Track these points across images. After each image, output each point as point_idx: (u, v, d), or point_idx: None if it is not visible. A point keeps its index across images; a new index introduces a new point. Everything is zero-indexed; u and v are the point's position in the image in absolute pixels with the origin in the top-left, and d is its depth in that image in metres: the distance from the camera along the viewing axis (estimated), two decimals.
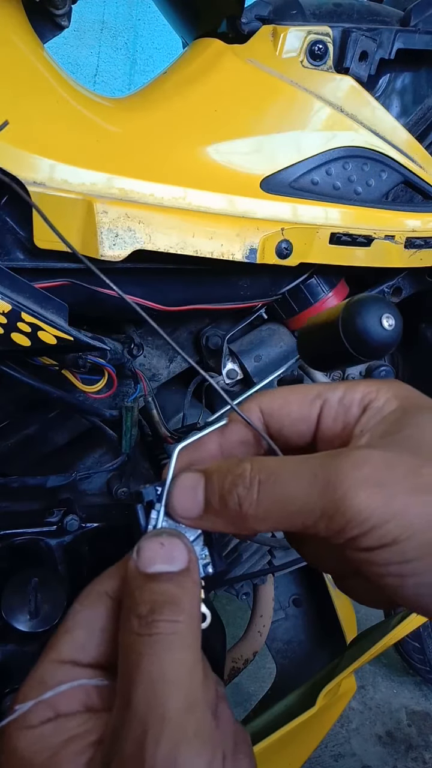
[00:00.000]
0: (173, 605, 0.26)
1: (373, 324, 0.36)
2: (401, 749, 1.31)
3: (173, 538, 0.29)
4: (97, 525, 0.68)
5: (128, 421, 0.70)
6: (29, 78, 0.57)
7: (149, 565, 0.28)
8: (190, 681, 0.25)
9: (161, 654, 0.25)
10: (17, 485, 0.67)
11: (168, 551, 0.28)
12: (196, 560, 0.29)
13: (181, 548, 0.28)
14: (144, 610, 0.26)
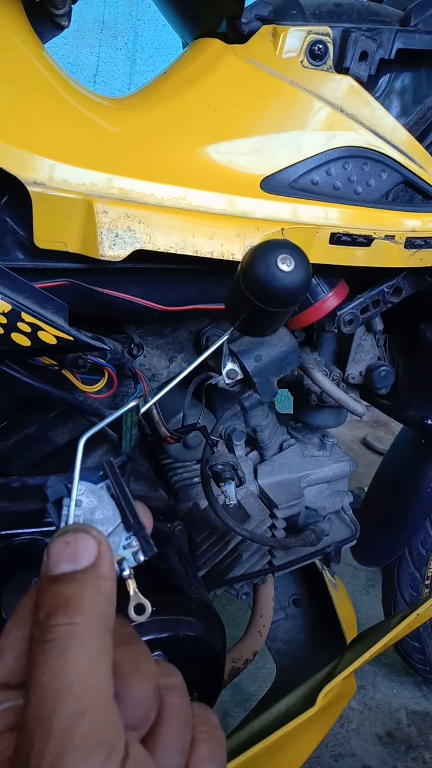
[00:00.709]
0: (68, 606, 0.25)
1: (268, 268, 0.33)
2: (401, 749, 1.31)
3: (78, 533, 0.28)
4: None
5: (128, 421, 0.70)
6: (29, 78, 0.57)
7: (54, 568, 0.27)
8: (86, 682, 0.23)
9: (53, 661, 0.24)
10: (17, 485, 0.67)
11: (73, 549, 0.27)
12: (107, 552, 0.27)
13: (86, 543, 0.27)
14: (42, 615, 0.25)
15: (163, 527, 0.72)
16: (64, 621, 0.24)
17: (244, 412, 0.79)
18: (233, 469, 0.74)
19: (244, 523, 0.79)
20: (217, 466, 0.73)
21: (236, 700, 1.36)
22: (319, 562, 1.01)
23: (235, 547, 0.83)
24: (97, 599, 0.26)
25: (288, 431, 0.94)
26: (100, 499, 0.31)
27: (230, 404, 0.82)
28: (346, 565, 1.74)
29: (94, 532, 0.28)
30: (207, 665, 0.58)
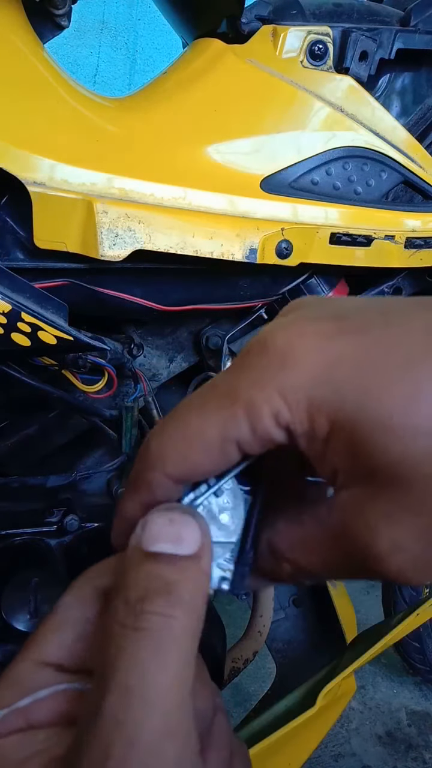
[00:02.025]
0: (170, 595, 0.21)
1: None
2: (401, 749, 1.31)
3: (187, 516, 0.23)
4: (97, 525, 0.68)
5: (128, 421, 0.70)
6: (29, 78, 0.57)
7: (152, 543, 0.22)
8: (175, 696, 0.20)
9: (145, 655, 0.20)
10: (17, 485, 0.67)
11: (177, 530, 0.23)
12: (209, 548, 0.24)
13: (193, 529, 0.23)
14: (134, 596, 0.21)
15: None
16: (164, 611, 0.21)
17: None
18: None
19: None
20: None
21: (236, 700, 1.36)
22: None
23: None
24: (197, 595, 0.22)
25: None
26: (235, 507, 0.26)
27: None
28: None
29: (202, 522, 0.24)
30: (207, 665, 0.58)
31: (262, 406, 0.23)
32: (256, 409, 0.23)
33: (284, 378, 0.22)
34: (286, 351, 0.23)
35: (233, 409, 0.23)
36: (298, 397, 0.22)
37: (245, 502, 0.27)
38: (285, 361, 0.23)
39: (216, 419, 0.23)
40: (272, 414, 0.23)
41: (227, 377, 0.24)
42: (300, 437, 0.23)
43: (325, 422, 0.22)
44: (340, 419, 0.22)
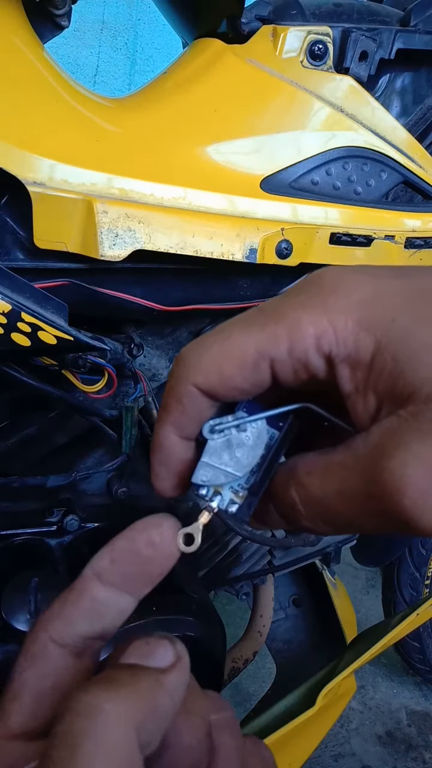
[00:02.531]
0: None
1: None
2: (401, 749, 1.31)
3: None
4: (97, 525, 0.68)
5: (128, 421, 0.70)
6: (29, 78, 0.57)
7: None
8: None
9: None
10: (17, 485, 0.67)
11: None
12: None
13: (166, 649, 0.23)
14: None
15: None
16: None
17: None
18: None
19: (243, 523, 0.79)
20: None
21: (236, 700, 1.36)
22: (319, 562, 1.01)
23: (235, 547, 0.83)
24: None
25: None
26: (256, 443, 0.26)
27: None
28: (346, 565, 1.74)
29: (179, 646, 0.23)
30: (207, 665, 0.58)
31: (306, 327, 0.23)
32: (300, 329, 0.23)
33: (334, 301, 0.23)
34: (337, 282, 0.24)
35: (275, 327, 0.23)
36: (345, 318, 0.23)
37: (266, 445, 0.27)
38: (336, 288, 0.23)
39: (256, 334, 0.23)
40: (315, 336, 0.23)
41: (275, 301, 0.25)
42: (341, 363, 0.23)
43: (370, 342, 0.22)
44: (387, 337, 0.22)
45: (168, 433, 0.26)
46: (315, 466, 0.24)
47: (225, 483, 0.26)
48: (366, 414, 0.23)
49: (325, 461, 0.24)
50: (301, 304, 0.23)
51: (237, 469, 0.26)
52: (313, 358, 0.23)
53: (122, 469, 0.73)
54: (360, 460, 0.22)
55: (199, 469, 0.26)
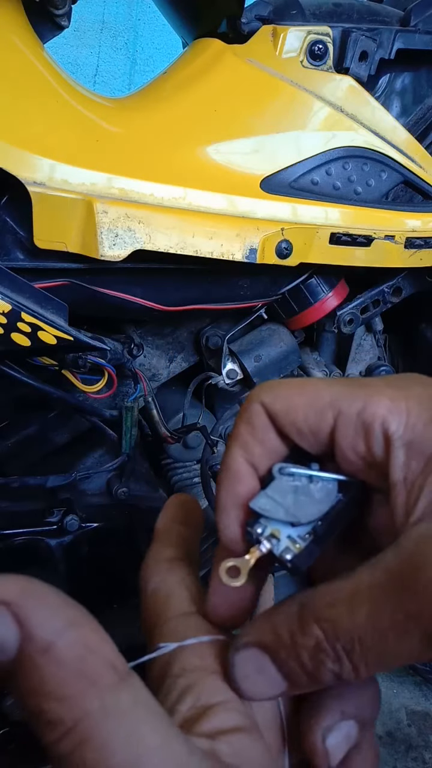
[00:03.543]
0: None
1: None
2: (401, 749, 1.31)
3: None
4: (97, 525, 0.68)
5: (128, 421, 0.70)
6: (29, 78, 0.57)
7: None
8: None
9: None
10: (17, 485, 0.67)
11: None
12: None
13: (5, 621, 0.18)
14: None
15: None
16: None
17: None
18: None
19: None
20: (217, 466, 0.73)
21: None
22: None
23: None
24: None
25: None
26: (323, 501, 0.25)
27: (230, 404, 0.82)
28: None
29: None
30: None
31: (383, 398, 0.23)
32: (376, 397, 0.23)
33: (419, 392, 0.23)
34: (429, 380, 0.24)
35: (355, 389, 0.24)
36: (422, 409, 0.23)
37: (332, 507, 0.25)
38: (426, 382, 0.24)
39: (336, 387, 0.24)
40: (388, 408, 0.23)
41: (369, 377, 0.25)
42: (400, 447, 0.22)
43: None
44: None
45: (236, 455, 0.25)
46: (338, 595, 0.22)
47: (283, 522, 0.25)
48: (403, 511, 0.22)
49: (351, 585, 0.21)
50: (388, 383, 0.24)
51: (298, 516, 0.25)
52: (377, 429, 0.23)
53: (122, 469, 0.73)
54: (393, 574, 0.20)
55: (260, 498, 0.25)
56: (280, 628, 0.23)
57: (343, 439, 0.24)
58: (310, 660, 0.22)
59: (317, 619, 0.22)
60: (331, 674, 0.21)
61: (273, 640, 0.23)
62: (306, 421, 0.24)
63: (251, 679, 0.23)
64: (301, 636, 0.22)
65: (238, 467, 0.25)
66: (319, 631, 0.21)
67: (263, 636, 0.23)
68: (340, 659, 0.21)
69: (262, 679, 0.23)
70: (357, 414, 0.23)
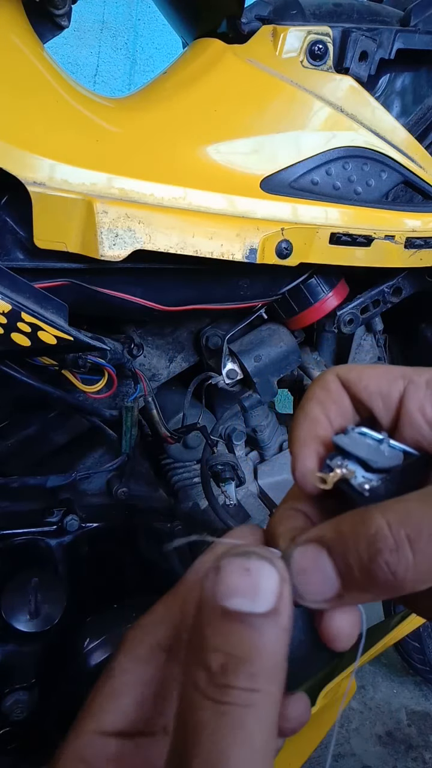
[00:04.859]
0: (252, 665, 0.20)
1: None
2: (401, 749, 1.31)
3: (263, 563, 0.22)
4: (97, 525, 0.68)
5: (128, 421, 0.70)
6: (29, 78, 0.57)
7: (227, 597, 0.21)
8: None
9: (229, 732, 0.19)
10: (17, 485, 0.67)
11: (254, 582, 0.21)
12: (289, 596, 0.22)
13: (271, 579, 0.21)
14: (214, 663, 0.20)
15: (163, 527, 0.72)
16: (247, 685, 0.20)
17: (244, 412, 0.79)
18: (233, 469, 0.74)
19: (244, 523, 0.79)
20: (217, 466, 0.73)
21: None
22: None
23: None
24: (276, 659, 0.21)
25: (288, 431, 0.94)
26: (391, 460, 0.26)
27: (230, 404, 0.82)
28: None
29: (279, 564, 0.22)
30: None
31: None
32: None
33: None
34: None
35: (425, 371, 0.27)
36: None
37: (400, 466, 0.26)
38: None
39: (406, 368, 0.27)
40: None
41: None
42: None
43: None
44: None
45: (314, 406, 0.27)
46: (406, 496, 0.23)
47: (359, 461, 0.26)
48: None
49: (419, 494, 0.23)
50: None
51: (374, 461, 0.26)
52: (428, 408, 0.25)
53: (122, 469, 0.73)
54: None
55: (341, 437, 0.27)
56: (342, 524, 0.23)
57: (412, 402, 0.26)
58: (367, 549, 0.22)
59: (383, 512, 0.22)
60: (386, 569, 0.21)
61: (333, 535, 0.23)
62: (378, 387, 0.27)
63: (306, 577, 0.23)
64: (362, 526, 0.22)
65: (316, 414, 0.27)
66: (382, 520, 0.22)
67: (323, 532, 0.24)
68: (399, 547, 0.21)
69: (317, 576, 0.23)
70: (426, 382, 0.26)
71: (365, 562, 0.22)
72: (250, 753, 0.20)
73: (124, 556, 0.72)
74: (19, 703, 0.60)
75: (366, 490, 0.25)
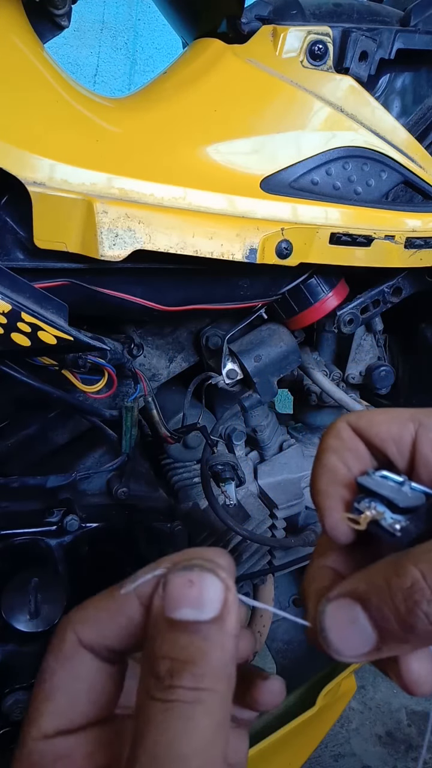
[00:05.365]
0: (195, 666, 0.22)
1: None
2: (401, 749, 1.31)
3: (206, 574, 0.23)
4: (97, 525, 0.68)
5: (128, 421, 0.70)
6: (29, 78, 0.57)
7: (173, 609, 0.23)
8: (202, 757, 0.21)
9: (174, 726, 0.21)
10: (17, 485, 0.67)
11: (197, 592, 0.23)
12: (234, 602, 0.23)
13: (214, 588, 0.23)
14: (163, 670, 0.22)
15: (163, 527, 0.72)
16: (191, 684, 0.22)
17: (244, 412, 0.79)
18: (233, 469, 0.74)
19: (244, 523, 0.79)
20: (217, 466, 0.73)
21: None
22: None
23: (235, 547, 0.83)
24: (223, 660, 0.22)
25: (288, 431, 0.94)
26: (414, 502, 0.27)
27: (230, 404, 0.82)
28: None
29: (222, 574, 0.24)
30: None
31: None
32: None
33: None
34: None
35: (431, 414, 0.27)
36: None
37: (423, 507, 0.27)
38: None
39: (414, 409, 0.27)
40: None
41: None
42: None
43: None
44: None
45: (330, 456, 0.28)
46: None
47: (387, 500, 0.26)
48: None
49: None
50: None
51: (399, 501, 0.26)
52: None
53: (122, 469, 0.73)
54: None
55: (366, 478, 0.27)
56: (374, 576, 0.23)
57: (425, 445, 0.26)
58: (404, 601, 0.22)
59: (415, 562, 0.22)
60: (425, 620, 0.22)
61: (366, 588, 0.23)
62: (389, 432, 0.27)
63: (341, 632, 0.24)
64: (396, 578, 0.22)
65: (333, 463, 0.28)
66: (416, 571, 0.22)
67: (356, 585, 0.24)
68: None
69: (353, 631, 0.23)
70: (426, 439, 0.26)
71: (403, 614, 0.22)
72: (198, 743, 0.21)
73: (124, 556, 0.72)
74: (19, 703, 0.60)
75: (397, 531, 0.25)
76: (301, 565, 0.91)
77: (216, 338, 0.76)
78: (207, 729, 0.21)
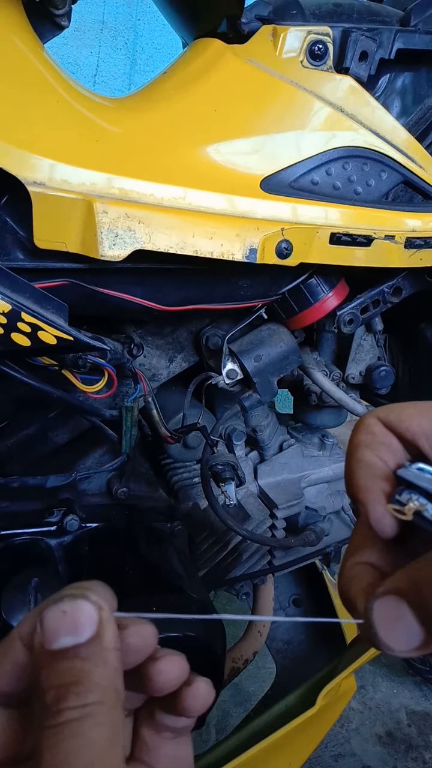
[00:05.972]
0: (80, 685, 0.23)
1: None
2: (401, 749, 1.31)
3: (77, 600, 0.24)
4: (97, 525, 0.68)
5: (128, 421, 0.70)
6: (29, 78, 0.57)
7: (52, 641, 0.24)
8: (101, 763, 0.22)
9: (66, 743, 0.22)
10: (17, 485, 0.68)
11: (72, 619, 0.24)
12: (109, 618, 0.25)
13: (86, 611, 0.24)
14: (50, 699, 0.23)
15: (163, 527, 0.72)
16: (77, 703, 0.22)
17: (244, 412, 0.79)
18: (233, 469, 0.74)
19: (244, 523, 0.79)
20: (217, 466, 0.73)
21: (236, 700, 1.36)
22: (319, 562, 1.01)
23: (235, 547, 0.83)
24: (106, 674, 0.23)
25: (288, 431, 0.94)
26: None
27: (230, 404, 0.82)
28: None
29: (93, 597, 0.25)
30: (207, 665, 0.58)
31: None
32: None
33: None
34: None
35: None
36: None
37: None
38: None
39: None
40: None
41: None
42: None
43: None
44: None
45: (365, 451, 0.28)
46: None
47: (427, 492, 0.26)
48: None
49: None
50: None
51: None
52: None
53: (122, 469, 0.73)
54: None
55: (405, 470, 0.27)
56: (419, 574, 0.24)
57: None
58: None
59: None
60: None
61: (412, 585, 0.24)
62: (420, 426, 0.28)
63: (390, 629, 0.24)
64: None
65: (369, 458, 0.28)
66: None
67: (401, 583, 0.24)
68: None
69: (401, 627, 0.24)
70: None
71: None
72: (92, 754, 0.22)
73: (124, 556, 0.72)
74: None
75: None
76: (301, 565, 0.91)
77: (216, 338, 0.76)
78: (99, 739, 0.22)
